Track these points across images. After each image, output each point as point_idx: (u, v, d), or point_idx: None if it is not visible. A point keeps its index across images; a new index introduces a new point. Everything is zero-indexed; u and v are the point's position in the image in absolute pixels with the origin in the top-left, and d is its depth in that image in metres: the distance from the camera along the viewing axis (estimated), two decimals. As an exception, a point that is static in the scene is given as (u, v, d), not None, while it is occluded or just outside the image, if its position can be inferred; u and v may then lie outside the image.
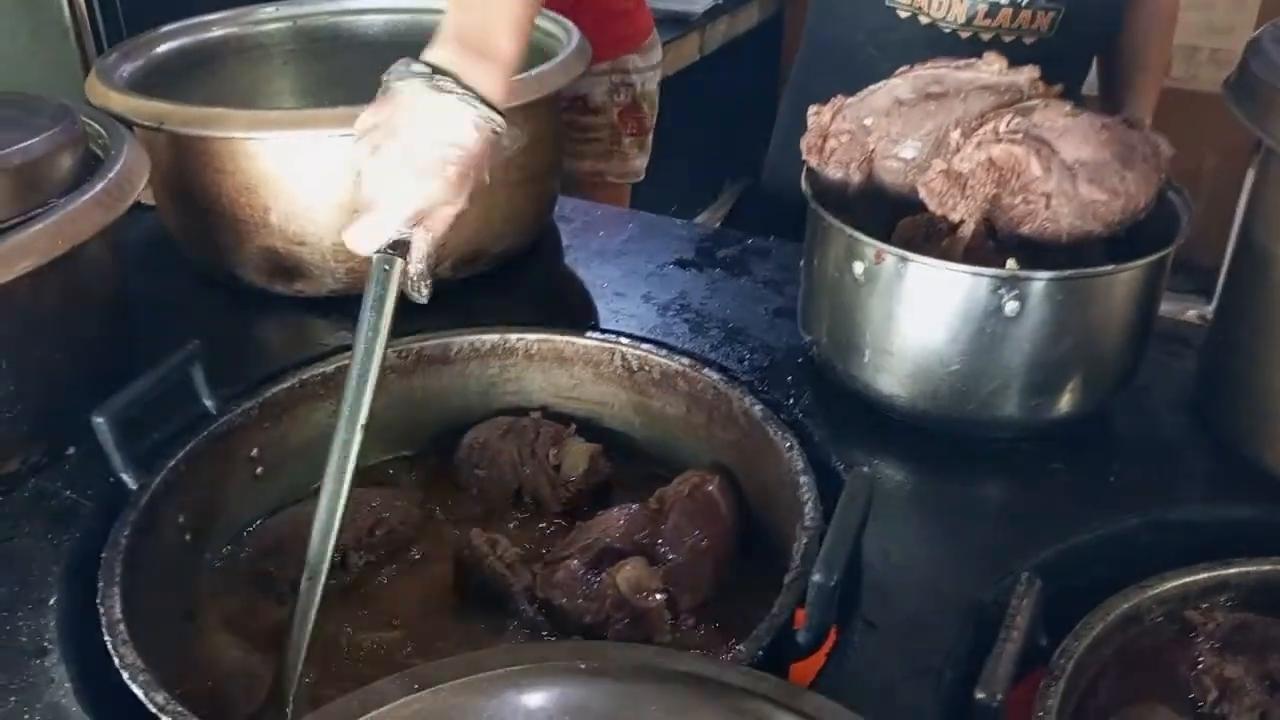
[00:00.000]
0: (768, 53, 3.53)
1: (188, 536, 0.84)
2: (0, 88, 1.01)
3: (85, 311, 0.85)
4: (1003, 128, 0.84)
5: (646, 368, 0.96)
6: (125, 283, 0.95)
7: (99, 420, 0.78)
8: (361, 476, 0.96)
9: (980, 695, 0.60)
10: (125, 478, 0.79)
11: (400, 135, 0.73)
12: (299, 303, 1.07)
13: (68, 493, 0.82)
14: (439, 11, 1.22)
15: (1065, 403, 0.86)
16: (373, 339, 0.74)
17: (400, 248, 0.75)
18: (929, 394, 0.86)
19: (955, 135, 0.85)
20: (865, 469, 0.72)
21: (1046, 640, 0.68)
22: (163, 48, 1.19)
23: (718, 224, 3.75)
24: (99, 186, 0.81)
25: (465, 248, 1.08)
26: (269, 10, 1.29)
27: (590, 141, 2.39)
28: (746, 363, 0.99)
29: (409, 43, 0.81)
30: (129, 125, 0.99)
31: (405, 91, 0.74)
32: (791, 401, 0.93)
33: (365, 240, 0.74)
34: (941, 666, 0.68)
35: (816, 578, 0.63)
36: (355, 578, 0.86)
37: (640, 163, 2.50)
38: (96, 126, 0.94)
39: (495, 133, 0.75)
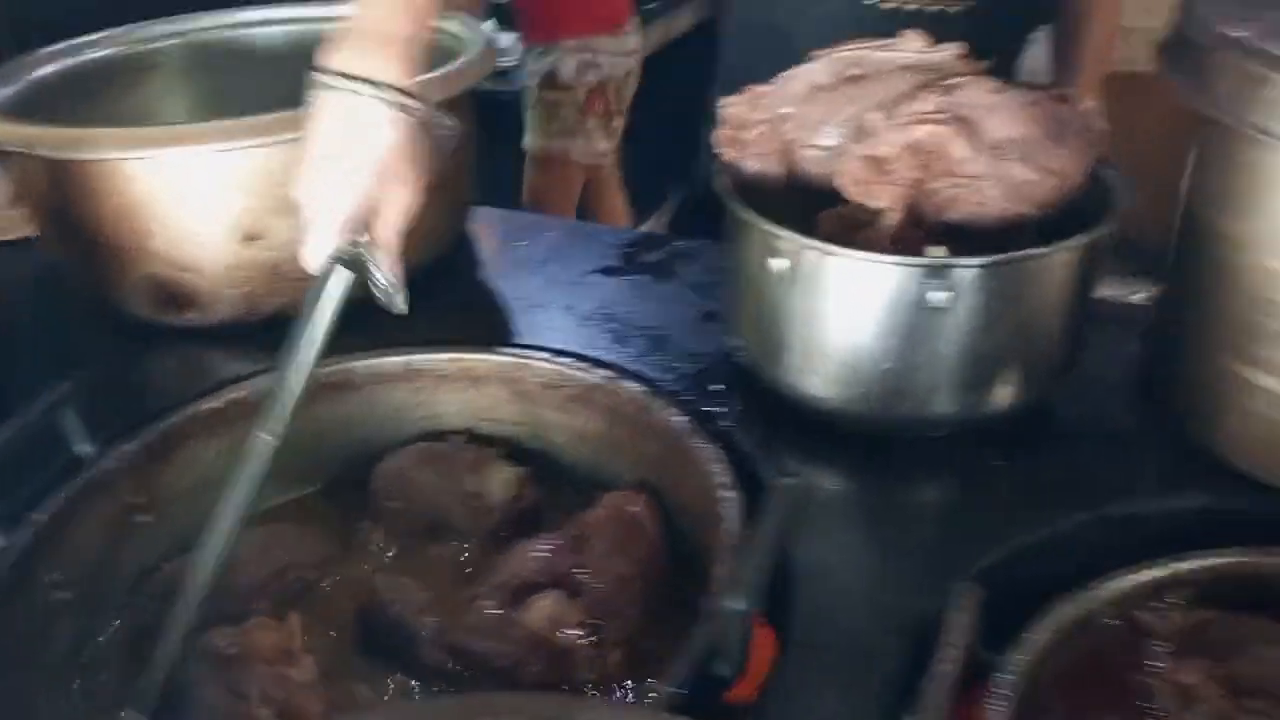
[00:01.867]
0: (706, 55, 3.50)
1: (68, 595, 0.76)
2: None
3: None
4: (926, 108, 0.79)
5: (564, 383, 0.90)
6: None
7: (-47, 473, 0.71)
8: (265, 517, 0.92)
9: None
10: (-12, 537, 0.72)
11: (319, 144, 0.74)
12: (191, 334, 1.00)
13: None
14: (341, 19, 1.16)
15: (1004, 395, 0.81)
16: (298, 351, 0.73)
17: (354, 262, 0.74)
18: (861, 395, 0.80)
19: (876, 118, 0.80)
20: (789, 479, 0.66)
21: (988, 653, 0.63)
22: (44, 70, 1.11)
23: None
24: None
25: (370, 265, 1.02)
26: (158, 28, 1.22)
27: (556, 118, 2.48)
28: (672, 373, 0.93)
29: (310, 53, 0.76)
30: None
31: (316, 103, 0.74)
32: (719, 410, 0.87)
33: (310, 256, 0.74)
34: (880, 690, 0.62)
35: (727, 603, 0.57)
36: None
37: (604, 145, 2.58)
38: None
39: (415, 119, 0.74)
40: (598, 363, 0.91)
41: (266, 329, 1.00)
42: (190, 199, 0.93)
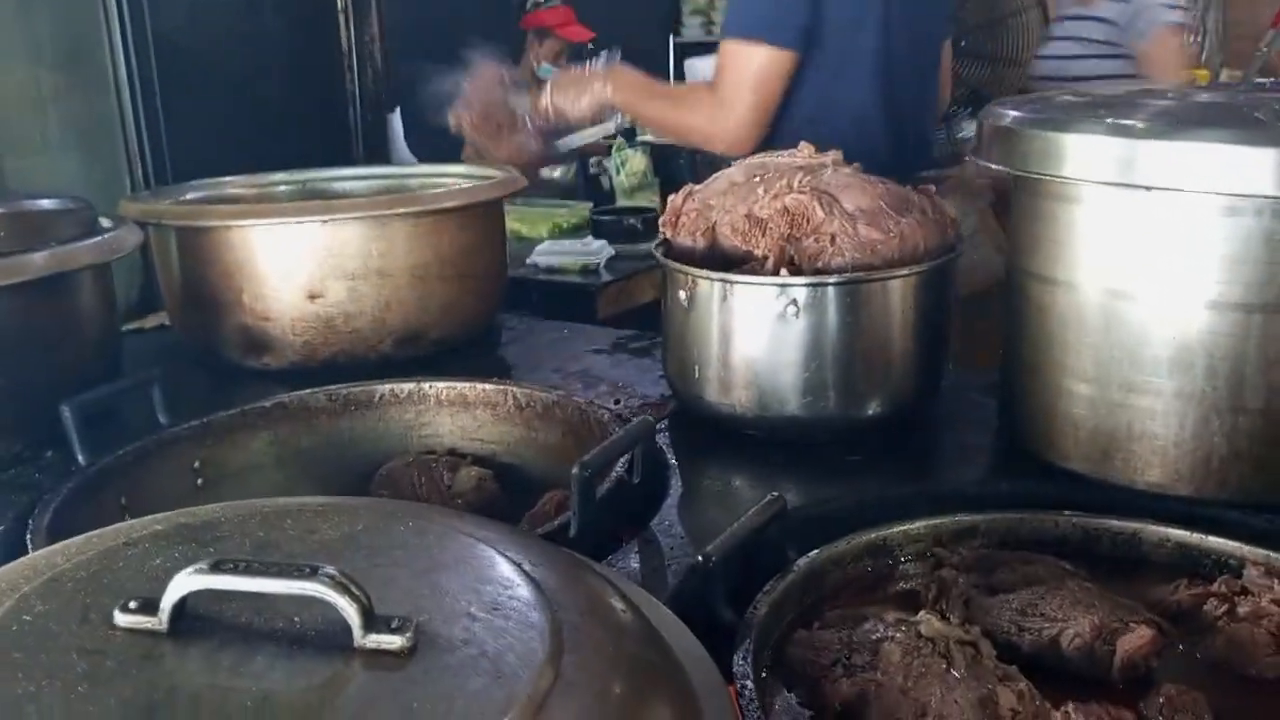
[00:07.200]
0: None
1: (126, 517, 1.01)
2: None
3: (73, 335, 1.08)
4: (794, 183, 1.04)
5: (532, 403, 1.14)
6: (116, 329, 1.18)
7: (65, 409, 0.99)
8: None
9: (700, 555, 0.73)
10: (80, 458, 0.99)
11: None
12: (265, 374, 1.29)
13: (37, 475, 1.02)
14: (415, 176, 1.52)
15: (864, 404, 1.00)
16: None
17: None
18: (746, 401, 1.01)
19: (760, 190, 1.06)
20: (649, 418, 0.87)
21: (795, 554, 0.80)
22: (189, 195, 1.49)
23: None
24: (92, 240, 1.06)
25: (404, 328, 1.30)
26: (280, 175, 1.60)
27: None
28: (621, 403, 1.15)
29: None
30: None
31: None
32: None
33: None
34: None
35: (574, 470, 0.78)
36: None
37: None
38: (109, 223, 1.21)
39: None
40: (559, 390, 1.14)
41: (322, 373, 1.29)
42: (272, 263, 1.24)
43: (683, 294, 1.03)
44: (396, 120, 2.53)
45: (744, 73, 1.55)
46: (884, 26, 1.58)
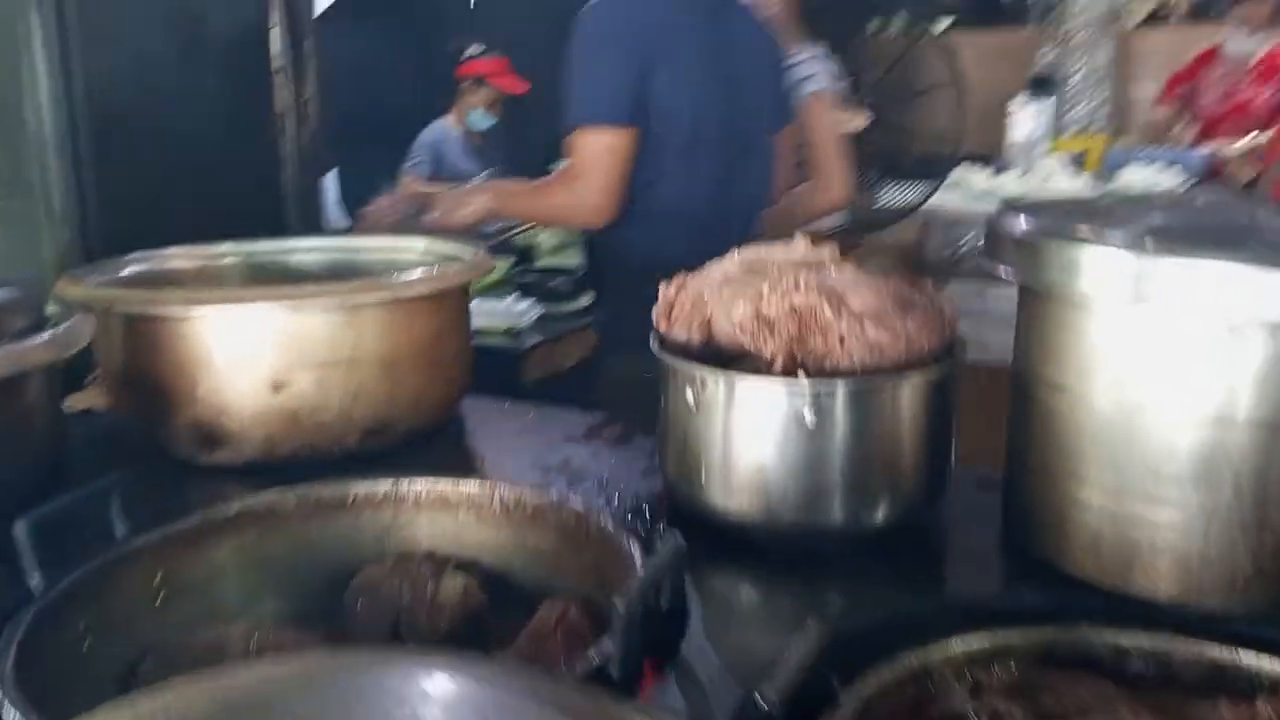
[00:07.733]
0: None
1: (85, 646, 0.91)
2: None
3: (20, 436, 0.98)
4: (802, 282, 1.02)
5: (521, 505, 1.08)
6: (64, 425, 1.08)
7: (18, 526, 0.89)
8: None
9: (757, 695, 0.69)
10: (34, 579, 0.89)
11: None
12: (220, 471, 1.20)
13: (-19, 600, 0.91)
14: (368, 249, 1.47)
15: (875, 510, 0.98)
16: None
17: None
18: (754, 505, 0.98)
19: (765, 288, 1.03)
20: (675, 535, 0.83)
21: (838, 681, 0.77)
22: (128, 270, 1.39)
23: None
24: (44, 336, 0.97)
25: (373, 420, 1.23)
26: (226, 247, 1.51)
27: None
28: (614, 504, 1.11)
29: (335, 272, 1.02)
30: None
31: None
32: (647, 526, 1.04)
33: None
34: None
35: (618, 606, 0.73)
36: None
37: None
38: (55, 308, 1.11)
39: None
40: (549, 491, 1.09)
41: (282, 469, 1.20)
42: (232, 352, 1.16)
43: (689, 393, 1.00)
44: (327, 183, 2.45)
45: (593, 154, 1.79)
46: (694, 120, 1.84)
